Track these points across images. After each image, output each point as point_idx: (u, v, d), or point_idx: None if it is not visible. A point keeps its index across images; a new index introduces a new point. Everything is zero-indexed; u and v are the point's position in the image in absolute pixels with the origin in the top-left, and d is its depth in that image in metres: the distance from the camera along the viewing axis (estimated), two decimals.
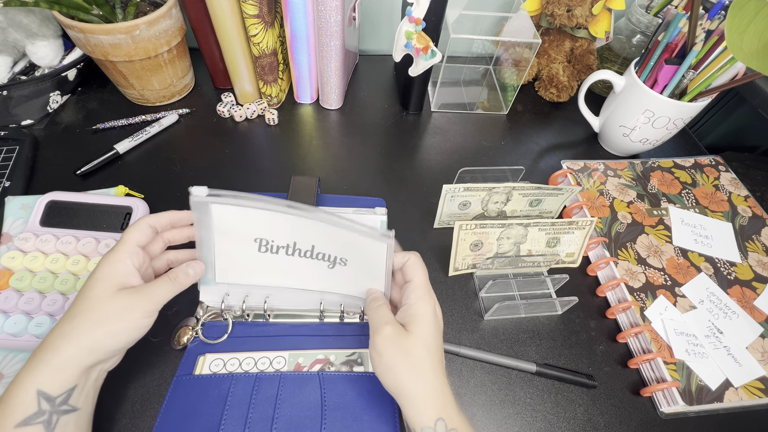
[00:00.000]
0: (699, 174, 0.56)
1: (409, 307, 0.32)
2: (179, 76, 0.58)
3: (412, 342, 0.30)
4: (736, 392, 0.39)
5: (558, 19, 0.60)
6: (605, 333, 0.44)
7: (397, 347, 0.30)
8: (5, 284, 0.38)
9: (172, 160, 0.54)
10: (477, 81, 0.70)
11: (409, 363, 0.29)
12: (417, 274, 0.33)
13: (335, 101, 0.61)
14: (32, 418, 0.26)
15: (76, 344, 0.27)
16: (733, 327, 0.43)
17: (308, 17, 0.52)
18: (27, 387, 0.26)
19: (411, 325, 0.31)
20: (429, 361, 0.30)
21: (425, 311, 0.32)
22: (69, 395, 0.27)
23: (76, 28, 0.48)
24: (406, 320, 0.31)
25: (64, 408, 0.27)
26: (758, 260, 0.48)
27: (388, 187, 0.53)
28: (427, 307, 0.32)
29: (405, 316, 0.32)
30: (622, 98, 0.54)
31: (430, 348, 0.30)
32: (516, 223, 0.44)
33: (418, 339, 0.30)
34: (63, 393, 0.27)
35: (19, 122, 0.54)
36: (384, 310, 0.33)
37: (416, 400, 0.29)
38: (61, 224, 0.42)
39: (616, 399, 0.39)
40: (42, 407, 0.26)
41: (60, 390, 0.27)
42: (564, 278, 0.44)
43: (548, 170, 0.56)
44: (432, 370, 0.30)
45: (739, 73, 0.48)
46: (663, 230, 0.50)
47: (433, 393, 0.29)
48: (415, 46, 0.51)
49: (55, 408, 0.26)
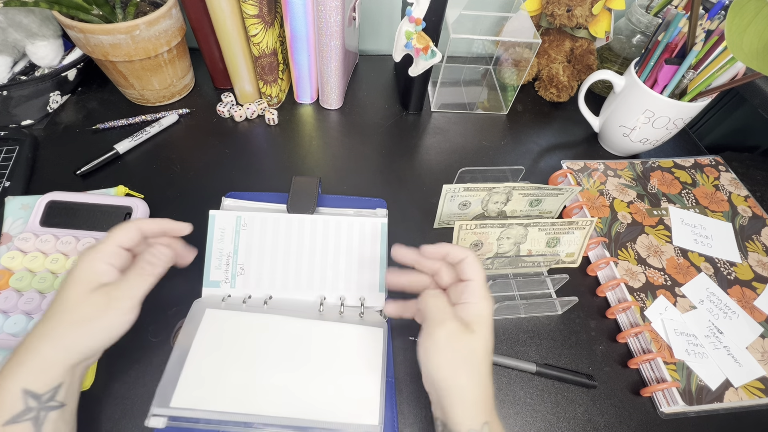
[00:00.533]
0: (699, 174, 0.56)
1: (472, 306, 0.31)
2: (179, 76, 0.58)
3: (476, 342, 0.30)
4: (736, 392, 0.39)
5: (558, 19, 0.60)
6: (605, 333, 0.44)
7: (462, 344, 0.29)
8: (5, 284, 0.38)
9: (172, 160, 0.54)
10: (477, 81, 0.70)
11: (470, 363, 0.29)
12: (477, 272, 0.32)
13: (335, 101, 0.61)
14: (20, 416, 0.26)
15: (55, 344, 0.27)
16: (733, 327, 0.43)
17: (308, 17, 0.52)
18: (10, 387, 0.26)
19: (475, 324, 0.30)
20: (487, 364, 0.30)
21: (487, 312, 0.31)
22: (56, 392, 0.27)
23: (76, 28, 0.48)
24: (468, 318, 0.31)
25: (52, 404, 0.27)
26: (758, 260, 0.48)
27: (388, 187, 0.53)
28: (488, 308, 0.31)
29: (467, 314, 0.31)
30: (622, 98, 0.54)
31: (488, 351, 0.30)
32: (516, 223, 0.44)
33: (482, 340, 0.30)
34: (49, 390, 0.27)
35: (19, 122, 0.54)
36: (444, 301, 0.32)
37: (468, 402, 0.29)
38: (61, 224, 0.42)
39: (616, 399, 0.39)
40: (29, 405, 0.26)
41: (46, 387, 0.27)
42: (564, 278, 0.44)
43: (548, 170, 0.56)
44: (488, 374, 0.30)
45: (739, 73, 0.48)
46: (663, 230, 0.50)
47: (484, 397, 0.29)
48: (415, 46, 0.51)
49: (42, 405, 0.26)
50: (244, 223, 0.44)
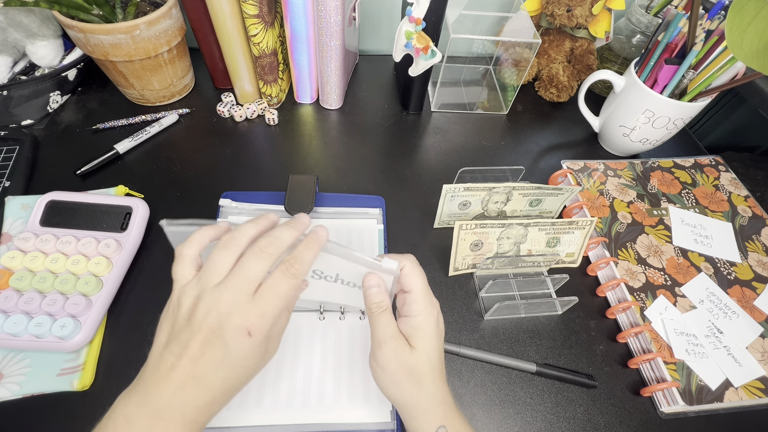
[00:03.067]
0: (699, 174, 0.56)
1: (411, 320, 0.31)
2: (179, 76, 0.58)
3: (416, 359, 0.30)
4: (736, 392, 0.39)
5: (558, 19, 0.60)
6: (605, 333, 0.44)
7: (401, 363, 0.30)
8: (5, 284, 0.38)
9: (172, 160, 0.54)
10: (477, 81, 0.70)
11: (412, 379, 0.29)
12: (415, 282, 0.31)
13: (335, 101, 0.61)
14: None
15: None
16: (733, 327, 0.43)
17: (308, 17, 0.52)
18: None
19: (414, 339, 0.30)
20: (431, 374, 0.30)
21: (427, 324, 0.31)
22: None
23: (76, 28, 0.48)
24: (408, 333, 0.31)
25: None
26: (758, 260, 0.48)
27: (388, 187, 0.53)
28: (429, 319, 0.31)
29: (407, 328, 0.31)
30: (622, 98, 0.54)
31: (432, 362, 0.30)
32: (516, 223, 0.44)
33: (422, 356, 0.30)
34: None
35: (19, 122, 0.54)
36: (387, 318, 0.31)
37: (418, 412, 0.29)
38: (61, 224, 0.42)
39: (616, 399, 0.39)
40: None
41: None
42: (564, 278, 0.44)
43: (548, 170, 0.56)
44: (434, 383, 0.30)
45: (739, 73, 0.48)
46: (663, 230, 0.50)
47: (434, 403, 0.30)
48: (415, 46, 0.51)
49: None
50: None
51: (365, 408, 0.36)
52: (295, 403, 0.36)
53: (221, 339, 0.25)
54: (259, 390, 0.36)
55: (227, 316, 0.26)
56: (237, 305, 0.26)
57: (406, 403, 0.30)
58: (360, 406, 0.36)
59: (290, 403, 0.36)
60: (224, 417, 0.35)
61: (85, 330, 0.37)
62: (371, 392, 0.37)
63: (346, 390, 0.37)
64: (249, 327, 0.26)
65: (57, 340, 0.36)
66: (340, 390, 0.37)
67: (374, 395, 0.37)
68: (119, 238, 0.42)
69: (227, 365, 0.26)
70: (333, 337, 0.40)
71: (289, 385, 0.37)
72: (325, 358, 0.39)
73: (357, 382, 0.38)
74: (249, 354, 0.26)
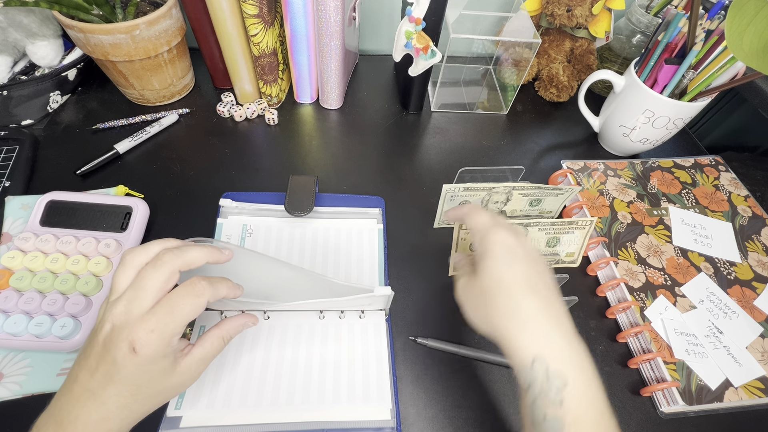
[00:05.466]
0: (699, 174, 0.56)
1: (475, 257, 0.31)
2: (179, 76, 0.58)
3: (478, 282, 0.29)
4: (736, 392, 0.39)
5: (558, 19, 0.60)
6: (605, 333, 0.44)
7: (470, 292, 0.30)
8: (5, 284, 0.38)
9: (172, 160, 0.54)
10: (477, 81, 0.70)
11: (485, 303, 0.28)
12: (474, 222, 0.31)
13: (335, 101, 0.61)
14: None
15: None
16: (733, 327, 0.43)
17: (308, 17, 0.52)
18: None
19: (477, 264, 0.30)
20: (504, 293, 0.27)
21: (487, 246, 0.29)
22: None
23: (76, 28, 0.48)
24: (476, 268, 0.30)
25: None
26: (758, 260, 0.48)
27: (388, 187, 0.53)
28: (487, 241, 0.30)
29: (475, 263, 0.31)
30: (622, 98, 0.54)
31: (501, 280, 0.28)
32: (516, 223, 0.44)
33: (484, 276, 0.29)
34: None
35: (19, 122, 0.54)
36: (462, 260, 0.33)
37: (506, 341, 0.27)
38: (61, 224, 0.42)
39: (616, 399, 0.39)
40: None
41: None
42: (564, 278, 0.44)
43: (548, 170, 0.56)
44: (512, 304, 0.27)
45: (739, 73, 0.48)
46: (663, 230, 0.50)
47: (523, 329, 0.26)
48: (415, 46, 0.51)
49: None
50: (250, 230, 0.46)
51: (365, 406, 0.36)
52: (295, 401, 0.36)
53: (110, 353, 0.25)
54: (259, 388, 0.37)
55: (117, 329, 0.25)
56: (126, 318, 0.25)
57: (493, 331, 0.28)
58: (360, 404, 0.36)
59: (290, 402, 0.36)
60: (224, 415, 0.35)
61: (85, 330, 0.37)
62: (371, 390, 0.37)
63: (346, 388, 0.37)
64: (133, 342, 0.25)
65: (57, 340, 0.36)
66: (340, 388, 0.37)
67: (374, 393, 0.37)
68: (119, 238, 0.42)
69: (116, 381, 0.25)
70: (333, 336, 0.40)
71: (289, 383, 0.37)
72: (325, 356, 0.39)
73: (357, 381, 0.38)
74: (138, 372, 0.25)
